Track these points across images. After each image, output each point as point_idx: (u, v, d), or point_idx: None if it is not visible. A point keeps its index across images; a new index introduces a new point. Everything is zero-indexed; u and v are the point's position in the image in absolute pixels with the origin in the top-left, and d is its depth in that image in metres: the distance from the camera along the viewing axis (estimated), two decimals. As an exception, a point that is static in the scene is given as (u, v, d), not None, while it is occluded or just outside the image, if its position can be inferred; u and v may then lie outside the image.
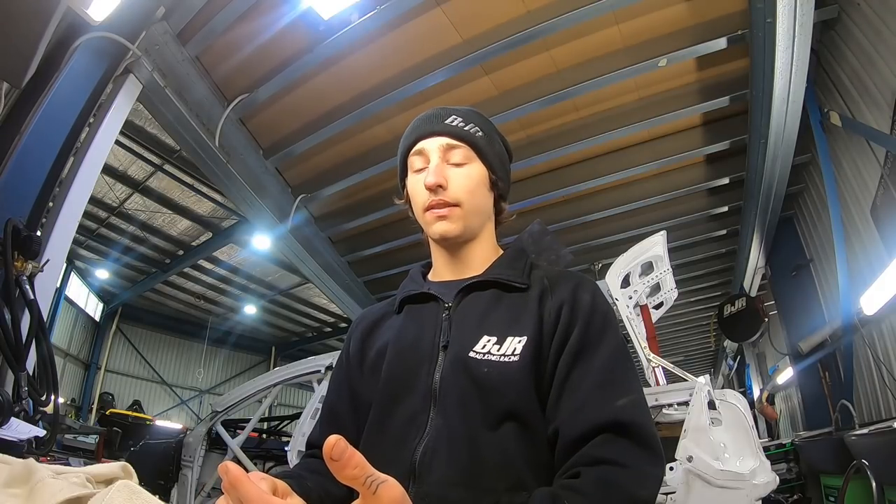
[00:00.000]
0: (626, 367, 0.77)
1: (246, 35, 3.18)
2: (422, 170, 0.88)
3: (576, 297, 0.81)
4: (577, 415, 0.71)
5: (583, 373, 0.74)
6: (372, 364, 0.88)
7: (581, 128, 3.90)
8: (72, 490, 0.57)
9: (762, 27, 2.80)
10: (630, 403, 0.71)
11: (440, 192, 0.84)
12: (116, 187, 7.91)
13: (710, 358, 11.44)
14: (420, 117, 0.93)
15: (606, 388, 0.73)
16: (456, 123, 0.89)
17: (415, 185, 0.89)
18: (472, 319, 0.83)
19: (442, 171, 0.85)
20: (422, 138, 0.89)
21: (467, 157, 0.88)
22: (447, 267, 0.93)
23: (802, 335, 4.86)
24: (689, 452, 2.09)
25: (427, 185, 0.84)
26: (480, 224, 0.91)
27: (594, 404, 0.71)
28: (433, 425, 0.76)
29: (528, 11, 3.00)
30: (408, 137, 0.92)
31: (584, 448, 0.68)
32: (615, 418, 0.69)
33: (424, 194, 0.86)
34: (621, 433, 0.68)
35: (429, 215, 0.86)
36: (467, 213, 0.86)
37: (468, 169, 0.88)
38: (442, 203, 0.84)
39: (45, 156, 2.25)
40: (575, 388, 0.73)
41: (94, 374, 11.63)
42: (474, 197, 0.88)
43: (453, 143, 0.87)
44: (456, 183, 0.86)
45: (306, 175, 4.44)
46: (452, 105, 0.95)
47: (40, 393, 1.98)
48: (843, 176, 3.78)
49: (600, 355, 0.76)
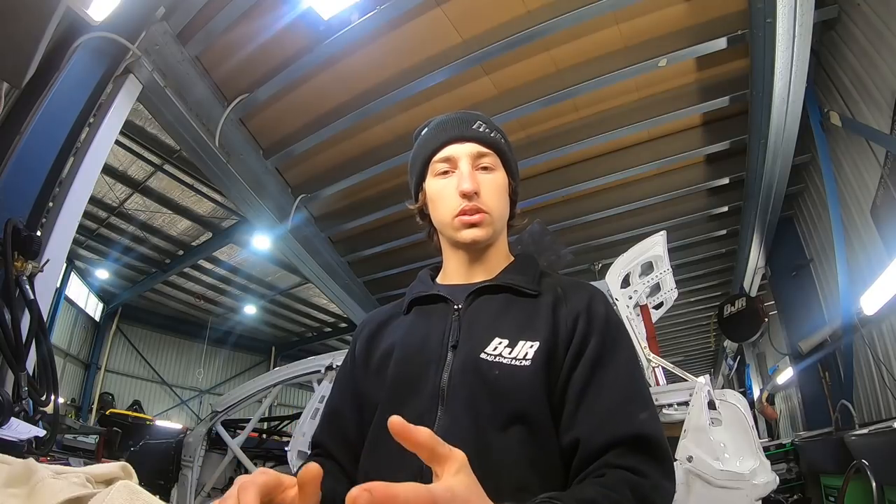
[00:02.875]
0: (643, 380, 0.80)
1: (246, 35, 3.18)
2: (446, 173, 0.88)
3: (591, 309, 0.82)
4: (602, 426, 0.72)
5: (601, 384, 0.75)
6: (378, 364, 0.88)
7: (581, 128, 3.91)
8: (72, 490, 0.57)
9: (762, 27, 2.80)
10: (651, 418, 0.73)
11: (475, 199, 0.85)
12: (116, 187, 7.91)
13: (710, 358, 11.44)
14: (444, 121, 0.92)
15: (629, 401, 0.74)
16: (483, 130, 0.90)
17: (441, 189, 0.88)
18: (484, 321, 0.83)
19: (476, 177, 0.86)
20: (450, 143, 0.89)
21: (494, 164, 0.89)
22: (460, 271, 0.93)
23: (802, 335, 4.86)
24: (689, 452, 2.09)
25: (464, 192, 0.84)
26: (502, 230, 0.93)
27: (618, 417, 0.72)
28: (440, 425, 0.75)
29: (528, 11, 3.00)
30: (431, 141, 0.91)
31: (606, 457, 0.69)
32: (638, 432, 0.70)
33: (455, 200, 0.86)
34: (643, 447, 0.69)
35: (458, 221, 0.86)
36: (496, 219, 0.88)
37: (495, 176, 0.89)
38: (476, 209, 0.85)
39: (46, 156, 2.25)
40: (595, 398, 0.74)
41: (94, 374, 11.63)
42: (501, 204, 0.89)
43: (483, 151, 0.88)
44: (487, 190, 0.87)
45: (306, 175, 4.44)
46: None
47: (40, 393, 1.98)
48: (843, 176, 3.78)
49: (618, 367, 0.77)
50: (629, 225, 4.99)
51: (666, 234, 2.96)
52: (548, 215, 4.67)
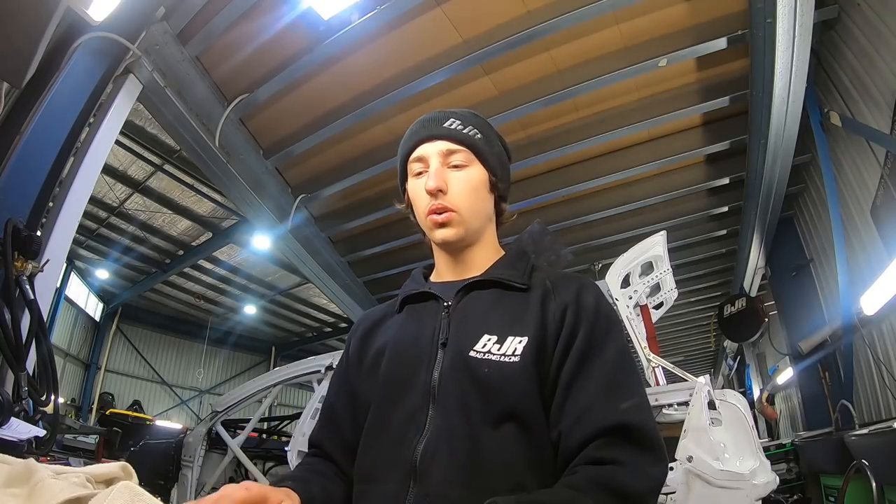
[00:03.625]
0: (630, 370, 0.78)
1: (246, 35, 3.18)
2: (421, 174, 0.88)
3: (580, 300, 0.81)
4: (582, 418, 0.71)
5: (587, 376, 0.74)
6: (371, 364, 0.88)
7: (581, 128, 3.90)
8: (72, 490, 0.57)
9: (762, 27, 2.80)
10: (634, 407, 0.72)
11: (440, 197, 0.85)
12: (116, 187, 7.91)
13: (710, 358, 11.44)
14: (419, 121, 0.93)
15: (611, 391, 0.73)
16: (454, 126, 0.89)
17: (416, 189, 0.89)
18: (473, 318, 0.83)
19: (442, 175, 0.86)
20: (421, 143, 0.89)
21: (467, 160, 0.88)
22: (449, 269, 0.93)
23: (802, 335, 4.86)
24: (689, 452, 2.08)
25: (427, 190, 0.85)
26: (481, 227, 0.91)
27: (599, 408, 0.71)
28: (433, 424, 0.75)
29: (528, 11, 3.00)
30: (407, 142, 0.92)
31: (586, 450, 0.69)
32: (619, 422, 0.69)
33: (425, 199, 0.86)
34: (625, 436, 0.68)
35: (429, 220, 0.86)
36: (467, 217, 0.87)
37: (468, 172, 0.88)
38: (442, 208, 0.85)
39: (46, 156, 2.25)
40: (579, 391, 0.73)
41: (94, 374, 11.63)
42: (474, 200, 0.88)
43: (453, 148, 0.88)
44: (456, 187, 0.86)
45: (306, 175, 4.43)
46: (452, 106, 0.95)
47: (40, 393, 1.98)
48: (843, 176, 3.78)
49: (605, 358, 0.76)
50: (629, 225, 4.99)
51: (666, 234, 2.96)
52: (548, 215, 4.67)
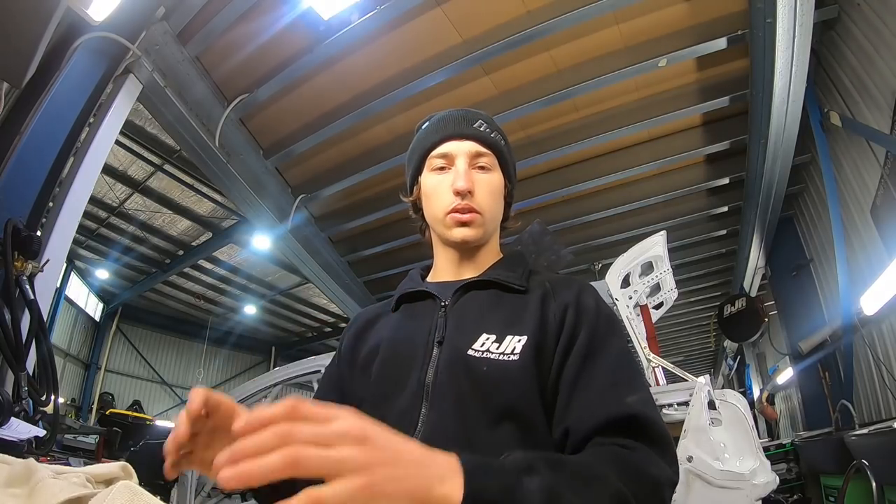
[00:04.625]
0: (634, 368, 0.78)
1: (246, 35, 3.18)
2: (443, 169, 0.88)
3: (580, 301, 0.81)
4: (588, 412, 0.70)
5: (592, 374, 0.74)
6: (363, 362, 0.87)
7: (581, 128, 3.90)
8: (72, 490, 0.57)
9: (762, 27, 2.80)
10: (640, 400, 0.71)
11: (468, 198, 0.85)
12: (116, 187, 7.90)
13: (710, 358, 11.44)
14: (445, 117, 0.92)
15: (617, 386, 0.72)
16: (484, 129, 0.89)
17: (436, 185, 0.88)
18: (471, 317, 0.83)
19: (471, 176, 0.86)
20: (449, 139, 0.88)
21: (491, 164, 0.89)
22: (449, 268, 0.93)
23: (802, 335, 4.85)
24: (689, 452, 2.08)
25: (458, 190, 0.84)
26: (494, 230, 0.92)
27: (605, 401, 0.70)
28: (426, 421, 0.74)
29: (528, 11, 3.00)
30: (431, 135, 0.91)
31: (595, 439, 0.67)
32: (625, 413, 0.67)
33: (448, 197, 0.85)
34: (631, 427, 0.67)
35: (450, 218, 0.85)
36: (488, 220, 0.87)
37: (491, 176, 0.88)
38: (469, 208, 0.84)
39: (46, 156, 2.25)
40: (584, 388, 0.73)
41: (94, 374, 11.62)
42: (495, 205, 0.89)
43: (481, 150, 0.88)
44: (481, 190, 0.86)
45: (306, 175, 4.44)
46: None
47: (40, 393, 1.98)
48: (843, 176, 3.78)
49: (608, 357, 0.75)
50: (629, 225, 4.99)
51: (666, 234, 2.96)
52: (548, 215, 4.67)
